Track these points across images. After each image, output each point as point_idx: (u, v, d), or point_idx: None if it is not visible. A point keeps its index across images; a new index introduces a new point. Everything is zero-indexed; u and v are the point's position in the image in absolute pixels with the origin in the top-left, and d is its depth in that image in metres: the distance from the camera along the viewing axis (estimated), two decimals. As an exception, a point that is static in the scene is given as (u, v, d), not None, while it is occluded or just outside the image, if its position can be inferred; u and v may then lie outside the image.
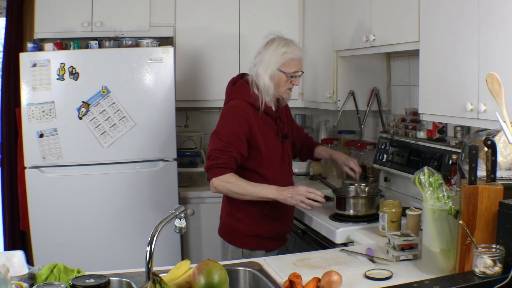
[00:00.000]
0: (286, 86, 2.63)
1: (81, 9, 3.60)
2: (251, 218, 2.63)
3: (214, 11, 3.82)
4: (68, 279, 1.69)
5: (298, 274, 1.78)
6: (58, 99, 3.33)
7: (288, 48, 2.60)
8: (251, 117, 2.57)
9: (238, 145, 2.51)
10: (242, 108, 2.57)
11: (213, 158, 2.50)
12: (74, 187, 3.39)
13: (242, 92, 2.63)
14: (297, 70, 2.64)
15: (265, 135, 2.62)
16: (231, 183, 2.49)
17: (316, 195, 2.49)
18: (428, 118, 2.57)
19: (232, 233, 2.68)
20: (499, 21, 2.04)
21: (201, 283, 1.70)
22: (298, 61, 2.63)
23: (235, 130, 2.53)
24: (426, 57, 2.51)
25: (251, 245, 2.64)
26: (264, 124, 2.63)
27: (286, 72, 2.60)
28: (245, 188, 2.50)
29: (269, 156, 2.63)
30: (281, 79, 2.61)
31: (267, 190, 2.50)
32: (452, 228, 1.85)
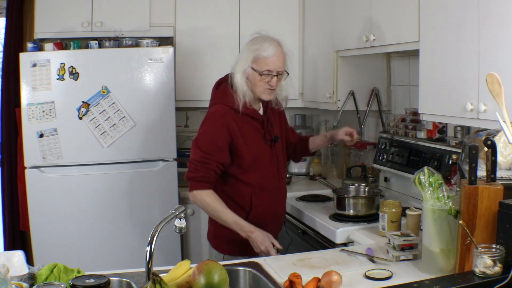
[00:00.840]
0: (262, 86, 2.51)
1: (81, 9, 3.60)
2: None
3: (214, 11, 3.82)
4: (68, 279, 1.69)
5: (298, 274, 1.78)
6: (58, 99, 3.33)
7: (261, 46, 2.49)
8: (232, 123, 2.49)
9: (218, 155, 2.45)
10: (222, 114, 2.49)
11: (192, 170, 2.45)
12: (74, 187, 3.39)
13: (223, 96, 2.54)
14: (271, 69, 2.49)
15: (249, 140, 2.53)
16: (207, 204, 2.45)
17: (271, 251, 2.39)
18: (428, 118, 2.57)
19: (215, 238, 2.63)
20: (499, 21, 2.04)
21: (201, 283, 1.70)
22: (271, 59, 2.48)
23: (215, 139, 2.46)
24: (426, 57, 2.51)
25: (232, 251, 2.56)
26: (249, 128, 2.54)
27: (257, 70, 2.48)
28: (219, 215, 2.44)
29: (254, 162, 2.54)
30: (254, 78, 2.50)
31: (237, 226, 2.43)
32: (452, 228, 1.85)
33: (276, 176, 2.65)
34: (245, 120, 2.54)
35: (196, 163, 2.45)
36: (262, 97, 2.55)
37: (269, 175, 2.61)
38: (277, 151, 2.66)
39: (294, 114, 4.30)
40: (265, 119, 2.61)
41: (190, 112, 4.12)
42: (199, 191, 2.46)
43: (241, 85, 2.50)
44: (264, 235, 2.42)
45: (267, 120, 2.62)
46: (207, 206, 2.47)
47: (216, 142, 2.46)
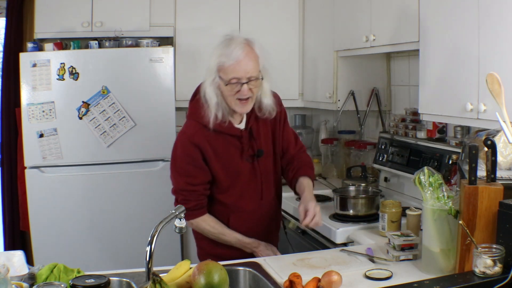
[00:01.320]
0: (232, 97, 2.19)
1: (81, 9, 3.60)
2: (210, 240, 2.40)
3: (214, 11, 3.82)
4: (68, 279, 1.69)
5: (298, 274, 1.78)
6: (58, 99, 3.33)
7: (225, 50, 2.17)
8: (203, 143, 2.25)
9: (200, 176, 2.27)
10: (192, 134, 2.26)
11: (181, 201, 2.25)
12: (74, 187, 3.39)
13: (195, 110, 2.28)
14: (238, 77, 2.16)
15: (224, 159, 2.29)
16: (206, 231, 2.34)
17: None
18: (428, 118, 2.57)
19: (198, 248, 2.49)
20: (499, 21, 2.04)
21: (201, 283, 1.70)
22: (237, 65, 2.15)
23: (191, 161, 2.26)
24: (426, 57, 2.51)
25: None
26: (223, 145, 2.29)
27: (223, 79, 2.18)
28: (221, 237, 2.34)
29: (231, 181, 2.32)
30: (223, 88, 2.20)
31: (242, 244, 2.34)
32: (452, 228, 1.85)
33: (258, 195, 2.39)
34: (219, 137, 2.28)
35: (183, 192, 2.28)
36: (236, 110, 2.24)
37: (248, 194, 2.37)
38: (262, 167, 2.38)
39: (294, 114, 4.30)
40: (244, 133, 2.32)
41: (190, 112, 4.12)
42: (195, 220, 2.32)
43: (212, 98, 2.21)
44: (268, 249, 2.35)
45: (249, 134, 2.33)
46: (208, 233, 2.36)
47: (193, 163, 2.27)
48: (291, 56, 3.93)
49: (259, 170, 2.37)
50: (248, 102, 2.23)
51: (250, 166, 2.35)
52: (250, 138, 2.34)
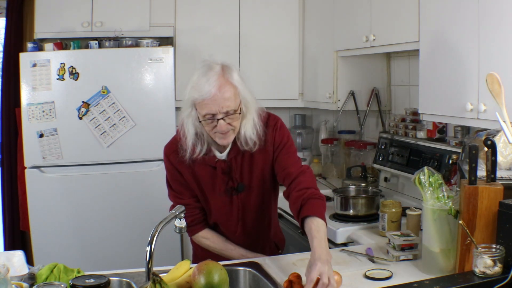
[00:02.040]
0: (211, 132, 2.03)
1: (81, 9, 3.60)
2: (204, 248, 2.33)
3: (214, 11, 3.82)
4: (68, 279, 1.69)
5: (298, 274, 1.78)
6: (58, 99, 3.33)
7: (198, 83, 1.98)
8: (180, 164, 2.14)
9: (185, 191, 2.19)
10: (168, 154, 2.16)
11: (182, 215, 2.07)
12: (74, 187, 3.39)
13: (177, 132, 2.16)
14: (213, 113, 1.97)
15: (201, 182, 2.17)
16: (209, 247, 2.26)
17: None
18: (428, 118, 2.57)
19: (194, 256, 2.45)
20: (499, 21, 2.04)
21: (201, 283, 1.70)
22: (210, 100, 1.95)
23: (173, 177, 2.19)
24: (426, 57, 2.51)
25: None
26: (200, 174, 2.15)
27: (199, 113, 2.01)
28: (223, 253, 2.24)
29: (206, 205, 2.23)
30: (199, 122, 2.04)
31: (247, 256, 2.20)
32: (452, 228, 1.85)
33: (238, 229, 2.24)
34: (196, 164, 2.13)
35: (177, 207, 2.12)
36: (218, 142, 2.06)
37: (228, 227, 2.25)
38: (244, 200, 2.19)
39: (294, 114, 4.30)
40: (222, 165, 2.13)
41: (190, 112, 4.12)
42: (196, 235, 2.27)
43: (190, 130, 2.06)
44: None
45: (228, 166, 2.14)
46: (210, 249, 2.29)
47: (176, 179, 2.19)
48: (291, 56, 3.93)
49: (237, 205, 2.20)
50: (229, 134, 2.04)
51: (228, 200, 2.18)
52: (229, 171, 2.14)
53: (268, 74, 3.87)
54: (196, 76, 2.01)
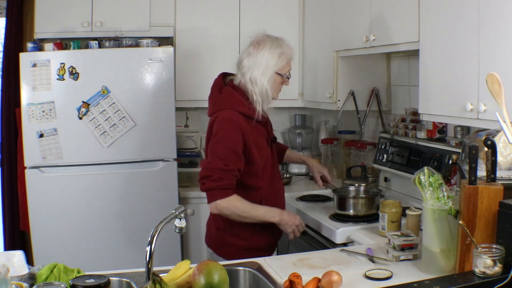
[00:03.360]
0: (279, 88, 2.55)
1: (81, 9, 3.60)
2: (244, 231, 2.51)
3: (214, 11, 3.83)
4: (68, 279, 1.69)
5: (298, 274, 1.78)
6: (58, 99, 3.33)
7: (283, 49, 2.51)
8: (246, 129, 2.42)
9: (237, 162, 2.39)
10: (236, 120, 2.41)
11: (215, 179, 2.34)
12: (74, 187, 3.39)
13: (232, 101, 2.46)
14: (290, 72, 2.58)
15: (259, 145, 2.50)
16: (236, 207, 2.40)
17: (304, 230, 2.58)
18: (428, 118, 2.57)
19: (224, 247, 2.56)
20: (499, 21, 2.04)
21: (201, 283, 1.70)
22: (291, 60, 2.56)
23: (232, 146, 2.39)
24: (426, 57, 2.51)
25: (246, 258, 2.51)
26: (257, 133, 2.51)
27: (282, 74, 2.50)
28: (250, 212, 2.43)
29: (263, 166, 2.52)
30: (276, 82, 2.50)
31: (270, 214, 2.47)
32: (452, 228, 1.85)
33: (278, 177, 2.68)
34: (254, 125, 2.48)
35: (219, 171, 2.35)
36: (275, 98, 2.57)
37: (273, 176, 2.62)
38: (274, 152, 2.66)
39: (294, 114, 4.30)
40: (267, 121, 2.61)
41: (190, 112, 4.12)
42: (226, 199, 2.37)
43: (267, 91, 2.47)
44: (292, 216, 2.53)
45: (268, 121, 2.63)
46: (238, 210, 2.41)
47: (234, 150, 2.39)
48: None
49: (274, 155, 2.65)
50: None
51: (270, 151, 2.60)
52: (268, 126, 2.63)
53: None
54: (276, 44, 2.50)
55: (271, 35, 2.54)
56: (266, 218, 2.46)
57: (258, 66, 2.46)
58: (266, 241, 2.59)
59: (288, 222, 2.49)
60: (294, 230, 2.51)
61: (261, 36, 2.52)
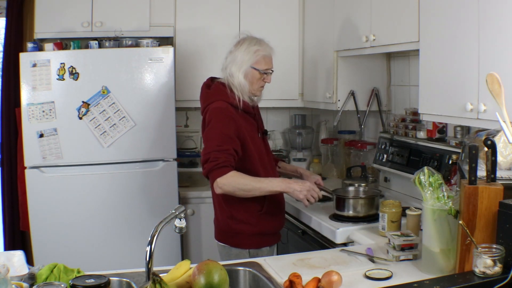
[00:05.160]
0: (258, 84, 2.66)
1: (81, 9, 3.60)
2: (252, 217, 2.62)
3: (214, 11, 3.82)
4: (68, 279, 1.69)
5: (298, 274, 1.78)
6: (58, 99, 3.33)
7: (260, 46, 2.64)
8: (235, 116, 2.57)
9: (232, 143, 2.50)
10: (225, 108, 2.56)
11: (212, 160, 2.46)
12: (74, 187, 3.39)
13: (219, 93, 2.62)
14: (269, 68, 2.67)
15: (250, 133, 2.63)
16: (237, 181, 2.46)
17: (318, 195, 2.59)
18: (428, 118, 2.57)
19: (235, 236, 2.65)
20: (499, 21, 2.04)
21: (201, 283, 1.70)
22: (269, 58, 2.67)
23: (224, 130, 2.51)
24: (426, 57, 2.51)
25: (257, 244, 2.64)
26: (246, 123, 2.64)
27: (259, 69, 2.62)
28: (252, 184, 2.49)
29: (258, 154, 2.64)
30: (254, 77, 2.63)
31: (273, 184, 2.54)
32: (452, 228, 1.85)
33: (273, 166, 2.79)
34: (242, 115, 2.62)
35: (214, 152, 2.47)
36: (256, 94, 2.70)
37: (269, 166, 2.73)
38: (267, 144, 2.80)
39: (294, 114, 4.30)
40: (256, 113, 2.74)
41: (190, 112, 4.12)
42: (225, 176, 2.45)
43: (243, 85, 2.61)
44: (301, 182, 2.58)
45: (256, 114, 2.75)
46: (239, 184, 2.47)
47: (226, 133, 2.50)
48: (291, 56, 3.93)
49: (267, 147, 2.79)
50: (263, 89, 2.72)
51: (263, 142, 2.74)
52: (258, 119, 2.76)
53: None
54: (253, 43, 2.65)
55: (252, 35, 2.70)
56: (271, 187, 2.52)
57: (235, 61, 2.63)
58: (273, 225, 2.70)
59: (297, 188, 2.52)
60: (307, 195, 2.54)
61: (243, 36, 2.71)
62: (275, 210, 2.69)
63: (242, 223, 2.62)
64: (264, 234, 2.66)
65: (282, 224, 2.81)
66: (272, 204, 2.66)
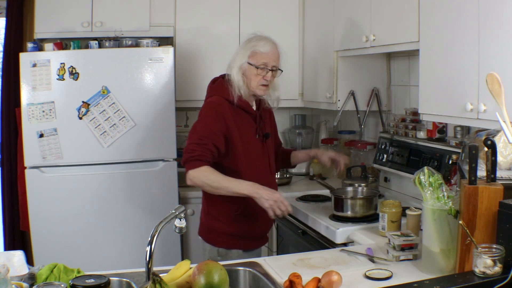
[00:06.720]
0: (257, 81, 2.59)
1: (81, 9, 3.60)
2: (226, 216, 2.59)
3: (214, 11, 3.82)
4: (68, 279, 1.69)
5: (298, 274, 1.78)
6: (58, 99, 3.33)
7: (258, 42, 2.61)
8: (228, 113, 2.54)
9: (213, 139, 2.49)
10: (218, 103, 2.56)
11: (188, 151, 2.47)
12: (74, 187, 3.39)
13: (219, 89, 2.62)
14: (267, 63, 2.58)
15: (242, 133, 2.59)
16: (207, 176, 2.45)
17: (287, 209, 2.44)
18: (428, 118, 2.57)
19: (209, 232, 2.65)
20: (499, 21, 2.04)
21: (201, 283, 1.70)
22: (267, 54, 2.58)
23: (210, 125, 2.51)
24: (426, 57, 2.51)
25: (227, 244, 2.60)
26: (242, 121, 2.60)
27: (253, 64, 2.57)
28: (220, 182, 2.46)
29: (247, 154, 2.59)
30: (250, 73, 2.59)
31: (241, 186, 2.45)
32: (452, 228, 1.85)
33: (268, 171, 2.71)
34: (239, 113, 2.60)
35: (192, 145, 2.48)
36: (256, 92, 2.62)
37: (261, 170, 2.66)
38: (268, 148, 2.74)
39: (294, 114, 4.30)
40: (257, 114, 2.68)
41: (190, 112, 4.12)
42: (196, 169, 2.45)
43: (238, 80, 2.58)
44: (271, 191, 2.44)
45: (260, 116, 2.69)
46: (208, 179, 2.46)
47: (211, 127, 2.50)
48: (291, 56, 3.92)
49: (267, 150, 2.72)
50: (266, 88, 2.63)
51: (261, 145, 2.68)
52: (261, 121, 2.70)
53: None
54: (253, 39, 2.62)
55: (259, 34, 2.67)
56: (237, 189, 2.44)
57: (234, 57, 2.64)
58: (250, 228, 2.63)
59: (264, 196, 2.40)
60: (272, 206, 2.40)
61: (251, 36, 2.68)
62: (253, 215, 2.58)
63: (216, 220, 2.61)
64: (235, 236, 2.60)
65: (263, 230, 2.72)
66: (250, 208, 2.55)
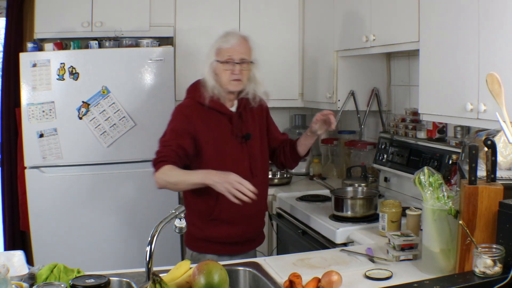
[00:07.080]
0: (226, 76, 2.50)
1: (81, 9, 3.60)
2: (199, 220, 2.53)
3: (214, 11, 3.82)
4: (68, 279, 1.69)
5: (298, 274, 1.78)
6: (58, 99, 3.33)
7: (222, 38, 2.57)
8: (195, 115, 2.50)
9: (178, 139, 2.45)
10: (186, 106, 2.55)
11: (155, 155, 2.45)
12: (74, 187, 3.39)
13: (192, 91, 2.60)
14: (232, 56, 2.50)
15: (215, 134, 2.51)
16: (166, 174, 2.38)
17: (245, 188, 2.25)
18: (428, 118, 2.57)
19: (186, 235, 2.60)
20: (499, 21, 2.04)
21: (201, 283, 1.70)
22: (232, 48, 2.51)
23: (175, 127, 2.50)
24: (426, 57, 2.51)
25: (199, 248, 2.56)
26: (214, 123, 2.53)
27: (219, 60, 2.51)
28: (178, 177, 2.40)
29: (220, 156, 2.49)
30: (218, 69, 2.52)
31: (195, 175, 2.39)
32: (452, 228, 1.85)
33: (247, 174, 2.50)
34: (212, 114, 2.53)
35: (159, 147, 2.48)
36: (229, 89, 2.52)
37: (239, 171, 2.40)
38: (251, 149, 2.58)
39: (294, 114, 4.30)
40: (234, 115, 2.56)
41: (190, 112, 4.12)
42: (159, 170, 2.39)
43: (209, 80, 2.52)
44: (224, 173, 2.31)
45: (239, 116, 2.57)
46: (168, 176, 2.39)
47: (176, 130, 2.49)
48: (291, 56, 3.93)
49: (248, 152, 2.58)
50: (240, 83, 2.53)
51: (239, 146, 2.56)
52: (239, 121, 2.58)
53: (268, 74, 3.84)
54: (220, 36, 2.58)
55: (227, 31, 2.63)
56: (192, 180, 2.40)
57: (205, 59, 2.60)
58: (223, 234, 2.52)
59: (217, 179, 2.29)
60: (228, 189, 2.25)
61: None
62: (228, 219, 2.51)
63: (191, 224, 2.45)
64: (210, 241, 2.53)
65: (240, 236, 2.57)
66: (224, 212, 2.49)
